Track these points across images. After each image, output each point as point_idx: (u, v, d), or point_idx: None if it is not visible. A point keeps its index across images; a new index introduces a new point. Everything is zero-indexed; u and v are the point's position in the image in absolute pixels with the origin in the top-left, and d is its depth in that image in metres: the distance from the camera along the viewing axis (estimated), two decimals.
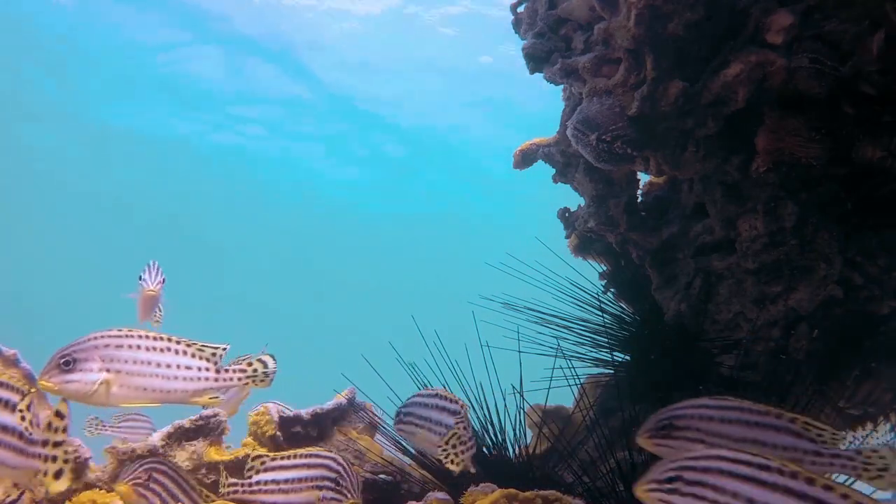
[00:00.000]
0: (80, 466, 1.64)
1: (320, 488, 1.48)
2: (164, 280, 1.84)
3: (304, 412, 1.95)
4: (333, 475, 1.50)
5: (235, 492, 1.47)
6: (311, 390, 2.32)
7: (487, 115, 11.34)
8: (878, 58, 1.60)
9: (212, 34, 9.74)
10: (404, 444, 1.91)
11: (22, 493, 1.42)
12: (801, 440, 1.14)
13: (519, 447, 1.88)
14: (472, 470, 1.56)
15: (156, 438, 1.72)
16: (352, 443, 2.03)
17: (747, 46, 1.70)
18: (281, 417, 1.86)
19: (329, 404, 2.03)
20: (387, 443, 2.03)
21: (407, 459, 1.94)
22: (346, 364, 2.44)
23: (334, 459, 1.51)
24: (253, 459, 1.49)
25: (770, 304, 1.94)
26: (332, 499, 1.51)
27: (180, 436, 1.73)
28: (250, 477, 1.47)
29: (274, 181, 13.78)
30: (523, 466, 1.85)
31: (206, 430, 1.75)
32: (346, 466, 1.50)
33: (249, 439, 1.81)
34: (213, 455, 1.72)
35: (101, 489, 1.60)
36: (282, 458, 1.50)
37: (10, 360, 1.69)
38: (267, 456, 1.50)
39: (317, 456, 1.52)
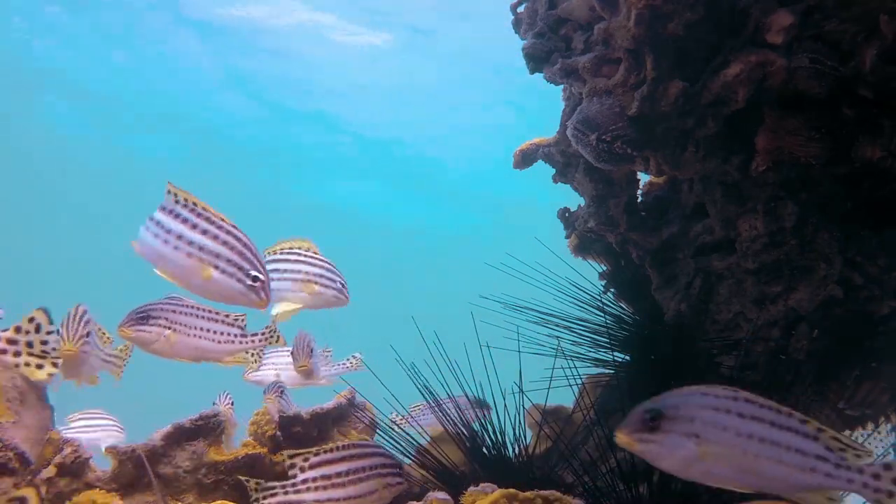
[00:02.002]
0: (80, 466, 1.64)
1: (383, 475, 1.48)
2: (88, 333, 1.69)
3: (304, 412, 1.95)
4: (392, 461, 1.51)
5: (275, 494, 1.45)
6: (311, 390, 2.32)
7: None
8: (871, 71, 1.61)
9: None
10: (404, 445, 1.92)
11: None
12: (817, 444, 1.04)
13: (519, 447, 1.88)
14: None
15: (156, 438, 1.72)
16: None
17: (747, 46, 1.70)
18: (281, 417, 1.86)
19: (329, 404, 2.03)
20: (387, 443, 2.03)
21: (407, 459, 1.94)
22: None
23: (383, 448, 1.57)
24: (292, 458, 1.48)
25: (770, 304, 1.94)
26: (399, 483, 1.49)
27: (180, 436, 1.72)
28: (294, 476, 1.46)
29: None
30: (523, 466, 1.85)
31: (206, 430, 1.75)
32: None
33: (249, 439, 1.81)
34: (213, 455, 1.72)
35: (101, 489, 1.60)
36: (325, 453, 1.48)
37: None
38: (308, 452, 1.48)
39: (367, 445, 1.52)
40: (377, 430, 2.10)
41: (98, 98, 11.13)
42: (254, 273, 1.30)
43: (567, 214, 2.50)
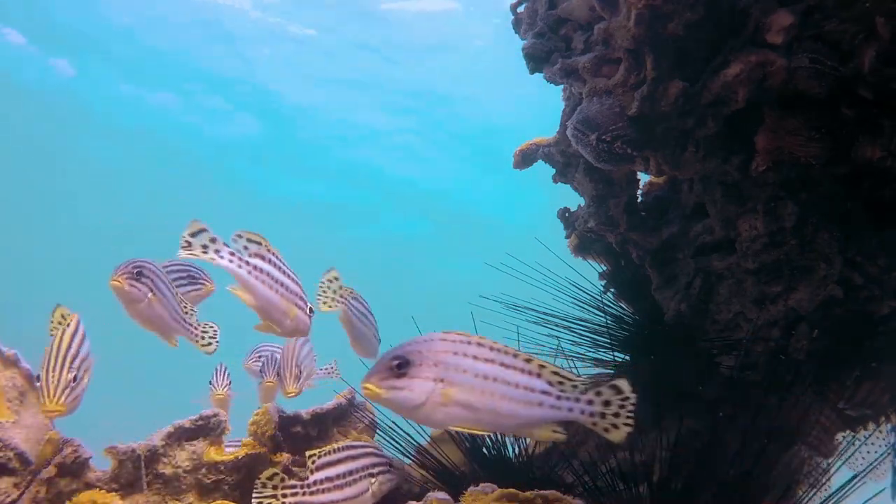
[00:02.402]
0: (80, 466, 1.64)
1: (373, 475, 1.54)
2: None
3: (304, 412, 1.95)
4: (382, 459, 1.57)
5: (295, 494, 1.50)
6: (311, 391, 2.32)
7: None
8: (869, 73, 1.61)
9: None
10: (404, 445, 1.92)
11: (22, 493, 1.42)
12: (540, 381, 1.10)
13: (519, 447, 1.88)
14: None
15: (156, 438, 1.72)
16: None
17: (747, 46, 1.70)
18: (281, 417, 1.86)
19: (329, 404, 2.03)
20: (387, 443, 2.03)
21: (407, 459, 1.94)
22: (346, 365, 2.45)
23: (375, 446, 1.61)
24: (308, 458, 1.53)
25: (770, 304, 1.94)
26: (389, 480, 1.57)
27: (180, 436, 1.73)
28: (306, 478, 1.51)
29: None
30: (523, 466, 1.85)
31: (206, 430, 1.75)
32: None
33: (249, 439, 1.81)
34: (213, 455, 1.72)
35: (101, 489, 1.60)
36: (327, 455, 1.54)
37: (10, 360, 1.69)
38: (314, 454, 1.53)
39: (359, 446, 1.56)
40: (377, 430, 2.10)
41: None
42: (310, 307, 1.56)
43: (567, 214, 2.50)
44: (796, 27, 1.66)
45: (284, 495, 1.48)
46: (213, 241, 1.40)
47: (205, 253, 1.38)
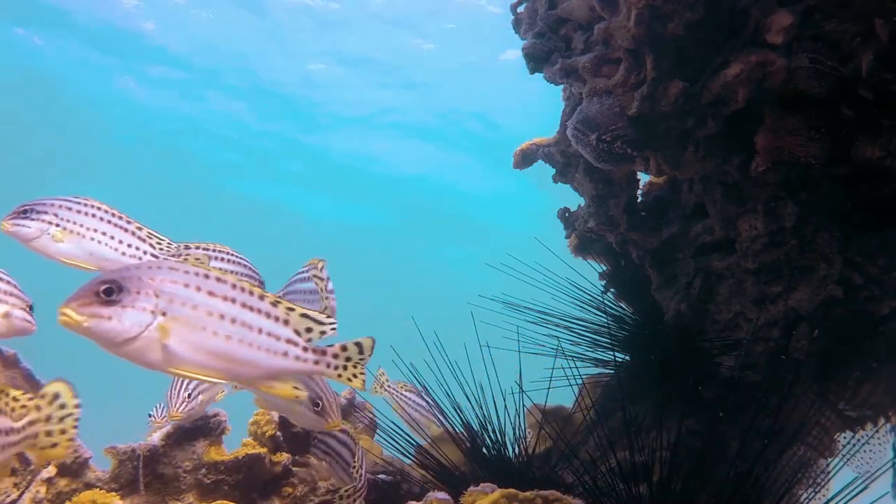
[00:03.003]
0: (80, 466, 1.64)
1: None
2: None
3: None
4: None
5: None
6: None
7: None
8: (868, 76, 1.61)
9: None
10: (404, 445, 1.92)
11: (22, 493, 1.42)
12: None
13: (519, 447, 1.88)
14: None
15: (155, 438, 1.72)
16: None
17: (747, 46, 1.70)
18: (281, 417, 1.86)
19: None
20: (387, 443, 2.04)
21: (407, 459, 1.94)
22: None
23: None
24: None
25: (770, 304, 1.94)
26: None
27: (180, 436, 1.72)
28: None
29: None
30: (523, 466, 1.85)
31: (206, 430, 1.75)
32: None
33: (249, 439, 1.81)
34: (213, 455, 1.72)
35: (101, 489, 1.60)
36: None
37: (10, 360, 1.69)
38: None
39: None
40: (377, 430, 2.10)
41: None
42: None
43: (567, 214, 2.50)
44: (796, 27, 1.66)
45: None
46: None
47: None
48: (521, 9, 2.14)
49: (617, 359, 2.21)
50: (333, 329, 1.02)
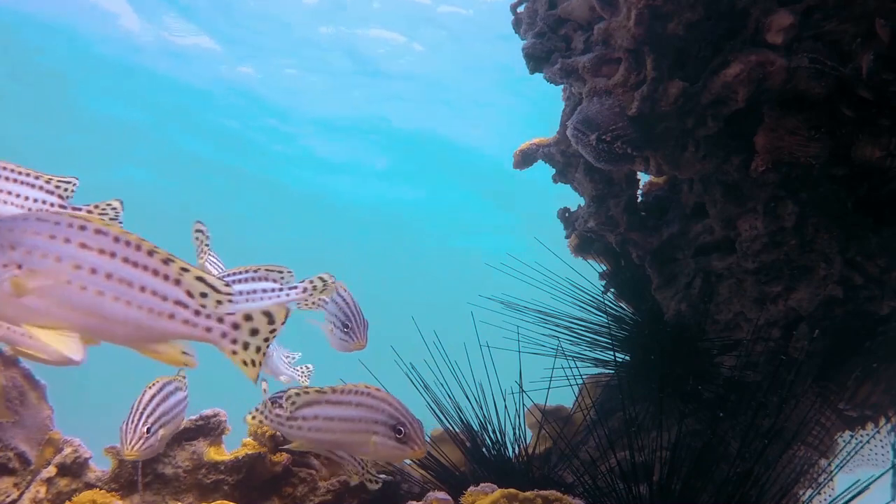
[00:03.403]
0: (80, 466, 1.64)
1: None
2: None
3: None
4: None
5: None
6: None
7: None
8: (868, 77, 1.61)
9: None
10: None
11: (23, 493, 1.42)
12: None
13: (519, 447, 1.88)
14: None
15: None
16: None
17: (747, 46, 1.70)
18: None
19: None
20: None
21: (407, 460, 1.94)
22: (345, 365, 2.44)
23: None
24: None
25: (770, 304, 1.94)
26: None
27: (180, 436, 1.73)
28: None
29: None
30: (523, 466, 1.85)
31: (206, 430, 1.75)
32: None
33: (249, 439, 1.81)
34: (213, 455, 1.72)
35: (101, 489, 1.60)
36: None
37: (11, 360, 1.69)
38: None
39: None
40: None
41: None
42: None
43: (567, 214, 2.50)
44: (796, 27, 1.66)
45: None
46: None
47: None
48: (521, 9, 2.14)
49: (617, 359, 2.21)
50: (230, 300, 0.89)
